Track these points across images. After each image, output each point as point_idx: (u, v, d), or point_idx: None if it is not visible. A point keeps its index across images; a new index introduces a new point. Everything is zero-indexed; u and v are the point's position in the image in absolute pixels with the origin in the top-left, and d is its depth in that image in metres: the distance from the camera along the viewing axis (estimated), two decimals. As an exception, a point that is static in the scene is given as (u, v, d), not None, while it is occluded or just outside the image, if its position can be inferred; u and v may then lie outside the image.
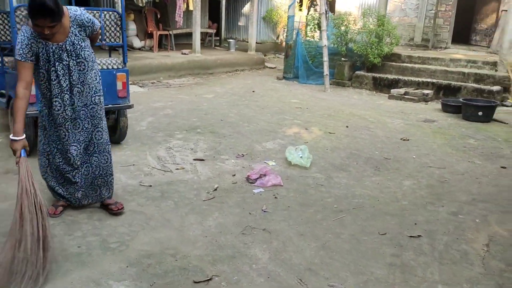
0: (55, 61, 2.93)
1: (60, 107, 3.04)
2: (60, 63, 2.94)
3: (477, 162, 4.98)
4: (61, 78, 2.97)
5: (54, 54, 2.91)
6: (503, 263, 2.93)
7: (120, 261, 2.73)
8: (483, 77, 8.72)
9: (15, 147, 2.68)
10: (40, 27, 2.73)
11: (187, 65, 10.23)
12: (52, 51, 2.90)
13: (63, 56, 2.94)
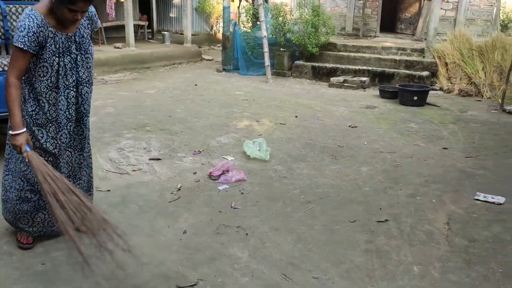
0: (63, 53, 2.55)
1: (63, 106, 2.63)
2: (68, 55, 2.58)
3: (422, 145, 5.25)
4: (68, 72, 2.59)
5: (63, 45, 2.55)
6: (465, 239, 3.11)
7: (94, 276, 2.56)
8: (413, 63, 9.20)
9: (19, 142, 2.44)
10: (74, 12, 2.40)
11: (122, 59, 9.82)
12: (61, 41, 2.53)
13: (72, 48, 2.58)
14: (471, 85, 8.34)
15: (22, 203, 2.71)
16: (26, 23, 2.39)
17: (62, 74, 2.57)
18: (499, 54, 8.18)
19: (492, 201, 3.70)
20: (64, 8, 2.39)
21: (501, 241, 3.10)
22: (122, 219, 3.20)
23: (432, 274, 2.69)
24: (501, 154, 4.95)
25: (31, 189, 2.70)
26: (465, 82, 8.43)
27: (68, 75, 2.60)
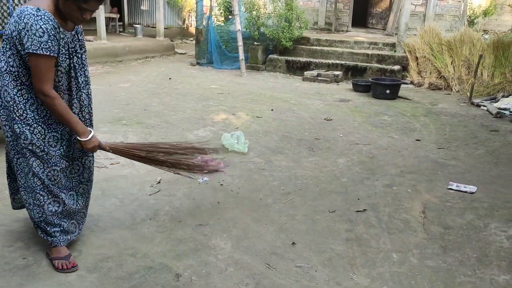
0: (72, 53, 2.38)
1: (76, 109, 2.49)
2: (75, 55, 2.41)
3: (395, 137, 5.38)
4: (77, 73, 2.43)
5: (71, 45, 2.37)
6: (441, 227, 3.22)
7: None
8: (384, 57, 9.38)
9: (96, 142, 2.46)
10: (84, 11, 2.24)
11: (93, 52, 9.62)
12: (69, 41, 2.34)
13: (77, 47, 2.42)
14: (440, 79, 8.58)
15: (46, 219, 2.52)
16: (42, 26, 2.14)
17: (73, 75, 2.42)
18: (467, 48, 8.44)
19: (464, 190, 3.84)
20: (74, 7, 2.22)
21: (474, 228, 3.22)
22: (103, 213, 3.17)
23: (411, 261, 2.78)
24: (471, 145, 5.13)
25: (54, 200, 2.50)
26: (435, 76, 8.66)
27: (78, 76, 2.44)
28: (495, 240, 3.06)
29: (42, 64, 2.18)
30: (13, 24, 2.19)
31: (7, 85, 2.27)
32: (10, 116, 2.30)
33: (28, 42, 2.13)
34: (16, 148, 2.38)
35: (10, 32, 2.21)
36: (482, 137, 5.46)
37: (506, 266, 2.75)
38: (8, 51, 2.24)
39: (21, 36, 2.14)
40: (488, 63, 8.16)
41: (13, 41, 2.20)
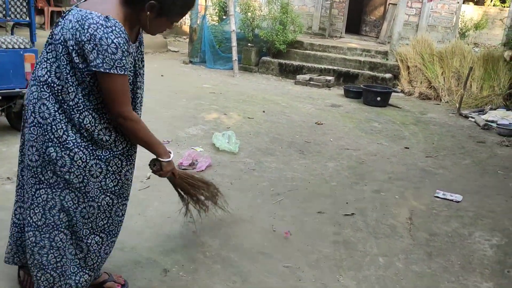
0: (138, 68, 2.01)
1: None
2: (139, 70, 2.02)
3: (385, 144, 5.43)
4: (140, 90, 2.07)
5: (137, 59, 2.00)
6: (426, 233, 3.26)
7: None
8: (376, 65, 9.46)
9: (172, 166, 2.19)
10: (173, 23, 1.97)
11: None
12: (135, 55, 1.97)
13: (139, 60, 2.03)
14: (430, 89, 8.68)
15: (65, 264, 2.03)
16: (114, 41, 1.73)
17: (138, 94, 2.06)
18: (458, 60, 8.55)
19: (450, 198, 3.89)
20: (165, 22, 1.91)
21: (459, 235, 3.27)
22: (91, 206, 3.15)
23: (397, 265, 2.82)
24: (458, 155, 5.20)
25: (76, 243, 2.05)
26: (425, 85, 8.76)
27: (139, 96, 2.08)
28: (478, 248, 3.11)
29: (118, 84, 1.81)
30: (70, 31, 1.75)
31: (47, 99, 1.84)
32: (45, 136, 1.84)
33: (98, 59, 1.73)
34: (40, 177, 1.89)
35: (64, 40, 1.78)
36: (469, 147, 5.54)
37: (488, 274, 2.80)
38: (55, 61, 1.82)
39: (85, 50, 1.73)
40: (477, 75, 8.28)
41: (67, 51, 1.77)
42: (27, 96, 1.91)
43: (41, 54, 1.89)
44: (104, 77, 1.77)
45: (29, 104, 1.88)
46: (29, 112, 1.88)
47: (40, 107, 1.84)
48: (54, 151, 1.85)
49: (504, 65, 8.13)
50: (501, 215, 3.66)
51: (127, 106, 1.87)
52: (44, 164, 1.87)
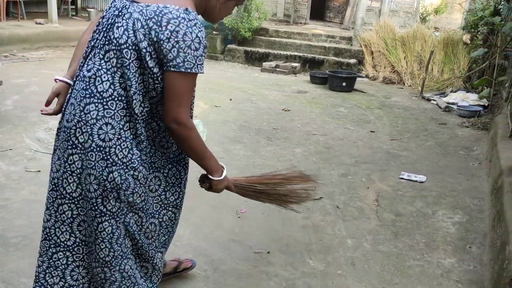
0: None
1: None
2: None
3: (351, 128, 5.52)
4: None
5: None
6: (392, 214, 3.35)
7: (29, 256, 2.46)
8: (341, 51, 9.57)
9: (225, 184, 1.92)
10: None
11: (44, 36, 9.22)
12: None
13: None
14: (394, 73, 8.85)
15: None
16: (198, 35, 1.52)
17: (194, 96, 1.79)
18: (419, 44, 8.74)
19: (415, 179, 4.00)
20: (232, 6, 1.76)
21: (423, 215, 3.37)
22: (56, 200, 3.07)
23: (364, 246, 2.89)
24: (421, 137, 5.35)
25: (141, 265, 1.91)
26: (388, 70, 8.92)
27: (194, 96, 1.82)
28: (442, 226, 3.23)
29: (188, 85, 1.57)
30: (140, 32, 1.51)
31: (112, 116, 1.58)
32: (107, 160, 1.59)
33: (178, 57, 1.50)
34: (101, 208, 1.64)
35: (133, 43, 1.52)
36: (432, 129, 5.70)
37: (451, 250, 2.91)
38: (117, 69, 1.56)
39: (163, 49, 1.50)
40: (438, 59, 8.49)
41: (138, 55, 1.53)
42: (76, 117, 1.59)
43: (89, 65, 1.60)
44: (179, 78, 1.54)
45: (85, 126, 1.58)
46: (85, 135, 1.58)
47: (101, 128, 1.57)
48: (118, 174, 1.61)
49: (464, 48, 8.36)
50: (463, 193, 3.79)
51: (186, 110, 1.60)
52: (106, 193, 1.62)
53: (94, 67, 1.58)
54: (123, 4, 1.57)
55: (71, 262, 1.75)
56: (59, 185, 1.66)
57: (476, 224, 3.29)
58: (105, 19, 1.60)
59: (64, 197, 1.66)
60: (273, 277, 2.49)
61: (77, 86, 1.62)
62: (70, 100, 1.63)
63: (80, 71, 1.63)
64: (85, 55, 1.64)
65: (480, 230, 3.20)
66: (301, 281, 2.48)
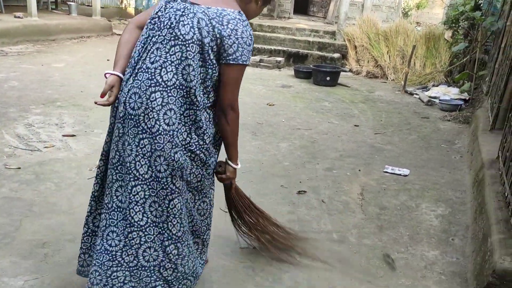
0: None
1: None
2: None
3: (335, 122, 5.54)
4: None
5: None
6: (377, 207, 3.38)
7: (10, 255, 2.41)
8: (325, 45, 9.59)
9: (234, 176, 2.14)
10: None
11: (23, 30, 9.02)
12: None
13: None
14: (377, 68, 8.92)
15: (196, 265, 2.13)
16: (250, 33, 1.84)
17: None
18: (402, 39, 8.81)
19: (398, 173, 4.04)
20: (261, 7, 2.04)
21: (407, 208, 3.41)
22: (37, 197, 3.02)
23: (350, 240, 2.90)
24: (405, 131, 5.40)
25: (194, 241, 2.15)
26: (372, 64, 8.98)
27: None
28: (425, 219, 3.26)
29: (242, 75, 1.88)
30: (204, 29, 1.76)
31: (175, 103, 1.79)
32: (172, 142, 1.80)
33: (237, 52, 1.78)
34: (171, 187, 1.84)
35: (198, 39, 1.77)
36: (415, 123, 5.76)
37: (435, 243, 2.94)
38: (181, 61, 1.77)
39: (225, 45, 1.76)
40: (420, 53, 8.57)
41: (201, 49, 1.77)
42: (143, 105, 1.77)
43: (152, 58, 1.80)
44: (236, 69, 1.82)
45: (151, 112, 1.76)
46: (152, 121, 1.76)
47: (166, 113, 1.78)
48: (180, 156, 1.83)
49: (445, 43, 8.46)
50: (445, 186, 3.84)
51: (237, 97, 1.92)
52: (174, 172, 1.83)
53: (160, 60, 1.78)
54: (183, 6, 1.80)
55: (143, 243, 1.87)
56: (132, 168, 1.80)
57: (459, 216, 3.33)
58: (166, 19, 1.81)
59: (138, 178, 1.81)
60: (259, 272, 2.48)
61: (140, 77, 1.79)
62: (132, 90, 1.79)
63: (143, 63, 1.80)
64: (142, 50, 1.83)
65: (462, 223, 3.24)
66: (287, 276, 2.48)
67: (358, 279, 2.50)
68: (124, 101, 1.80)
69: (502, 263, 2.26)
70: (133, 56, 1.85)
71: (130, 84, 1.81)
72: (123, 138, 1.82)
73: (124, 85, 1.83)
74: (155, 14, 1.85)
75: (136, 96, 1.78)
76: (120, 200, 1.85)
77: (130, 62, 1.86)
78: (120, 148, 1.83)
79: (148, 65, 1.79)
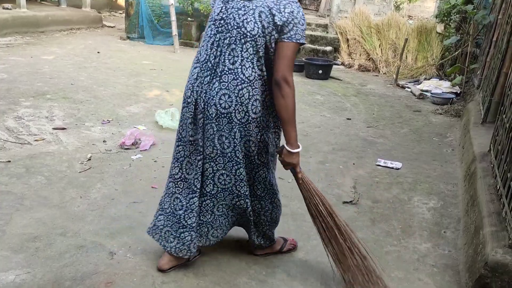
0: None
1: None
2: None
3: (328, 116, 5.54)
4: None
5: None
6: (370, 201, 3.38)
7: (0, 249, 2.38)
8: (317, 38, 9.56)
9: (294, 160, 2.19)
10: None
11: (12, 22, 8.90)
12: None
13: None
14: (369, 61, 8.92)
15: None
16: (303, 15, 2.06)
17: None
18: (394, 32, 8.82)
19: (391, 166, 4.05)
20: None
21: (399, 201, 3.42)
22: (28, 191, 2.98)
23: (342, 233, 2.90)
24: (397, 124, 5.41)
25: None
26: (364, 58, 8.98)
27: None
28: (417, 212, 3.27)
29: (295, 52, 2.06)
30: (265, 20, 2.00)
31: (258, 93, 2.08)
32: (259, 127, 2.13)
33: (292, 31, 2.00)
34: (257, 162, 2.22)
35: (262, 32, 2.01)
36: (407, 116, 5.77)
37: (427, 235, 2.96)
38: (254, 55, 2.04)
39: (284, 28, 1.99)
40: (412, 47, 8.59)
41: (265, 39, 2.02)
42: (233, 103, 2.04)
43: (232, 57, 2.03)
44: (291, 46, 2.02)
45: (241, 106, 2.05)
46: (242, 113, 2.06)
47: (253, 104, 2.07)
48: (266, 136, 2.18)
49: (437, 37, 8.48)
50: (437, 179, 3.86)
51: (292, 72, 2.08)
52: (260, 150, 2.20)
53: (238, 59, 2.03)
54: (242, 4, 2.02)
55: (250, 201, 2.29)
56: (233, 156, 2.14)
57: (451, 209, 3.35)
58: (231, 20, 2.04)
59: (239, 163, 2.15)
60: (252, 265, 2.48)
61: (226, 79, 2.04)
62: (220, 92, 2.04)
63: (223, 65, 2.05)
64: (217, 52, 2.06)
65: (454, 215, 3.26)
66: (280, 269, 2.47)
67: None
68: (215, 103, 2.04)
69: (494, 256, 2.27)
70: (207, 59, 2.08)
71: (217, 87, 2.04)
72: (218, 134, 2.08)
73: (207, 87, 2.06)
74: (217, 15, 2.07)
75: (226, 96, 2.04)
76: (225, 184, 2.20)
77: (206, 64, 2.07)
78: (216, 143, 2.10)
79: (229, 67, 2.03)
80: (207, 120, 2.07)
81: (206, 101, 2.05)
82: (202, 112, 2.07)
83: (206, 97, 2.05)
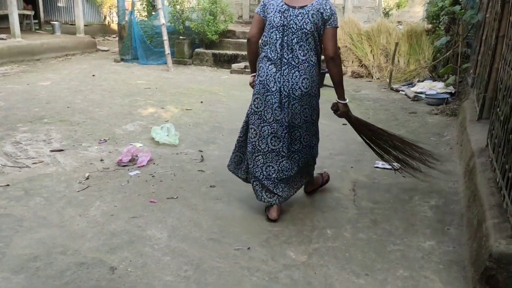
0: None
1: None
2: None
3: (324, 122, 5.50)
4: None
5: None
6: (370, 202, 3.37)
7: (1, 271, 2.36)
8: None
9: (347, 109, 3.12)
10: None
11: (8, 51, 8.97)
12: None
13: None
14: (362, 67, 8.97)
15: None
16: (333, 6, 2.86)
17: None
18: (384, 38, 8.89)
19: (389, 167, 4.03)
20: None
21: (400, 201, 3.40)
22: (27, 213, 2.97)
23: (344, 235, 2.88)
24: (393, 126, 5.41)
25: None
26: (356, 64, 9.03)
27: None
28: (419, 210, 3.26)
29: (337, 34, 2.86)
30: (316, 16, 2.77)
31: (316, 74, 2.94)
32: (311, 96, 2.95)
33: (331, 19, 2.80)
34: (312, 119, 3.06)
35: (314, 27, 2.79)
36: (403, 118, 5.78)
37: (430, 233, 2.94)
38: (314, 46, 2.84)
39: (327, 19, 2.78)
40: (403, 51, 8.65)
41: (317, 31, 2.81)
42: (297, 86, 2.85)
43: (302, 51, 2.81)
44: (333, 30, 2.82)
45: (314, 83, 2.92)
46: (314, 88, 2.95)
47: (314, 82, 2.93)
48: (316, 102, 3.05)
49: (427, 39, 8.54)
50: (437, 178, 3.84)
51: (337, 50, 2.85)
52: (311, 111, 3.01)
53: (306, 51, 2.82)
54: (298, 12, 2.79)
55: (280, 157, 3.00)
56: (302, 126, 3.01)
57: (453, 206, 3.34)
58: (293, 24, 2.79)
59: (311, 122, 3.05)
60: (255, 272, 2.45)
61: (303, 67, 2.83)
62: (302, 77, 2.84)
63: (297, 58, 2.82)
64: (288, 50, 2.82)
65: (457, 212, 3.24)
66: (283, 274, 2.45)
67: (355, 273, 2.48)
68: (299, 87, 2.84)
69: (498, 247, 2.25)
70: (280, 57, 2.83)
71: (298, 75, 2.83)
72: (303, 108, 2.92)
73: (288, 77, 2.83)
74: (278, 22, 2.81)
75: (306, 80, 2.84)
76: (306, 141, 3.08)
77: (281, 61, 2.83)
78: (302, 115, 2.94)
79: (302, 58, 2.81)
80: (293, 100, 2.86)
81: (291, 86, 2.83)
82: (287, 96, 2.85)
83: (290, 83, 2.82)
